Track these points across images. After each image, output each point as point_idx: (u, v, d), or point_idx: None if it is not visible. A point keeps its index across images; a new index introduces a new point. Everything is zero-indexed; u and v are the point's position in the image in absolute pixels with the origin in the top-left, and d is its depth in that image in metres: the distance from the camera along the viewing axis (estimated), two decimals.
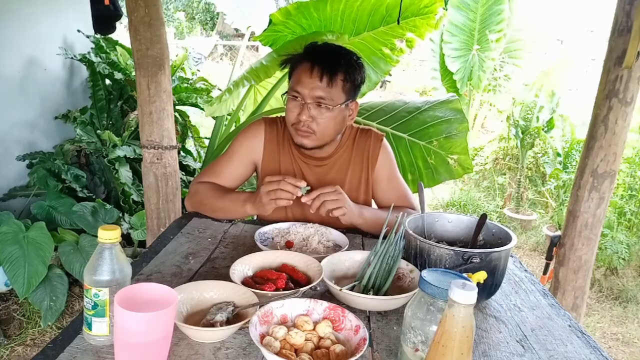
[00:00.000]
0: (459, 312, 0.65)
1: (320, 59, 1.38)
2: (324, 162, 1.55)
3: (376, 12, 2.64)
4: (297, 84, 1.39)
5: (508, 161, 5.71)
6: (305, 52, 1.44)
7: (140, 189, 3.01)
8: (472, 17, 5.54)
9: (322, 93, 1.37)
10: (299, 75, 1.41)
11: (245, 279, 1.08)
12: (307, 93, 1.38)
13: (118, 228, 0.85)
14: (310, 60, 1.39)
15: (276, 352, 0.81)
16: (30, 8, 3.08)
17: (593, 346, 1.00)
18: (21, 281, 2.28)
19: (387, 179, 1.59)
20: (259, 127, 1.56)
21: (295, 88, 1.40)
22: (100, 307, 0.83)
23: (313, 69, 1.37)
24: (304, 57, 1.42)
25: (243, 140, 1.56)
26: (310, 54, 1.42)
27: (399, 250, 1.14)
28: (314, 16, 2.65)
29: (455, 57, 5.62)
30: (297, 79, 1.40)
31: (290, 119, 1.43)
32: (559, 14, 7.48)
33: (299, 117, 1.40)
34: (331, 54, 1.41)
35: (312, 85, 1.37)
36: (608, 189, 2.05)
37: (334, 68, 1.38)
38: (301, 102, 1.39)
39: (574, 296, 2.17)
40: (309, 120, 1.39)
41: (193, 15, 12.82)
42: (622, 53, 1.93)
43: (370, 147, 1.57)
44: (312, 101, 1.38)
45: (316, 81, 1.37)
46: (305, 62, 1.40)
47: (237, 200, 1.43)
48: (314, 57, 1.39)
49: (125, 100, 3.44)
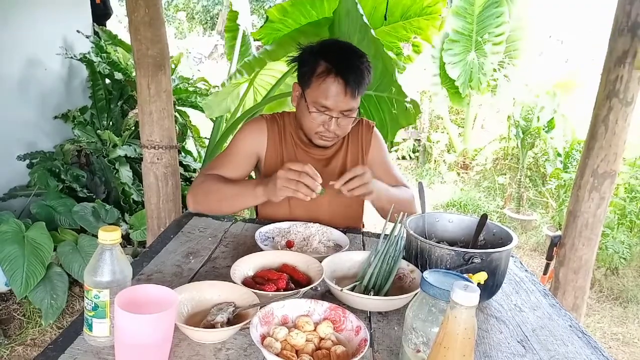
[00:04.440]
0: (461, 314, 0.65)
1: (349, 76, 1.35)
2: (324, 154, 1.58)
3: (376, 11, 2.62)
4: (325, 99, 1.37)
5: (508, 161, 5.71)
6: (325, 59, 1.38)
7: (140, 189, 3.00)
8: (470, 20, 5.56)
9: (350, 106, 1.40)
10: (327, 90, 1.36)
11: (246, 279, 1.07)
12: (336, 107, 1.38)
13: (118, 229, 0.85)
14: (341, 77, 1.35)
15: (277, 353, 0.81)
16: (30, 8, 3.07)
17: (594, 346, 1.00)
18: (19, 281, 2.28)
19: (379, 164, 1.65)
20: (260, 122, 1.57)
21: (323, 103, 1.38)
22: (101, 309, 0.83)
23: (346, 88, 1.35)
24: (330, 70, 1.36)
25: (248, 134, 1.56)
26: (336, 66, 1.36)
27: (400, 251, 1.13)
28: (312, 13, 2.63)
29: (455, 62, 5.63)
30: (325, 94, 1.37)
31: (314, 128, 1.43)
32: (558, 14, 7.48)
33: (327, 128, 1.41)
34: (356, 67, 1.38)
35: (343, 101, 1.38)
36: (608, 189, 2.05)
37: (361, 81, 1.38)
38: (328, 114, 1.40)
39: (574, 296, 2.17)
40: (335, 130, 1.42)
41: (193, 15, 12.83)
42: (622, 53, 1.93)
43: (362, 135, 1.63)
44: (339, 115, 1.40)
45: (348, 98, 1.37)
46: (332, 77, 1.36)
47: (247, 184, 1.41)
48: (342, 73, 1.35)
49: (125, 100, 3.44)
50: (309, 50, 1.44)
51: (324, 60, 1.38)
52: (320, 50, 1.42)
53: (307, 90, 1.41)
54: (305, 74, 1.42)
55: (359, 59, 1.41)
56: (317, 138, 1.46)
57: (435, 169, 6.30)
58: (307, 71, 1.41)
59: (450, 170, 6.24)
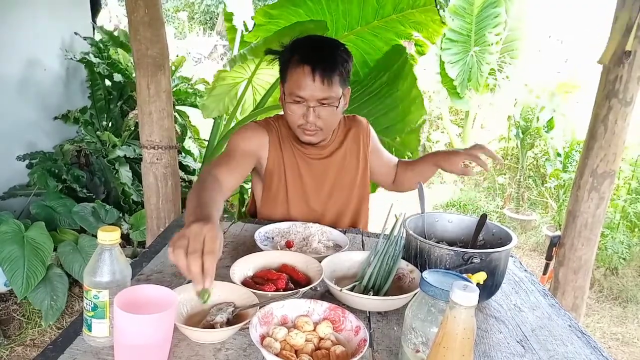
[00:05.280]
0: (460, 314, 0.65)
1: (317, 62, 1.37)
2: (322, 153, 1.58)
3: (366, 4, 2.57)
4: (298, 88, 1.39)
5: (508, 161, 5.72)
6: (296, 52, 1.42)
7: (140, 189, 3.00)
8: (468, 20, 5.56)
9: (325, 94, 1.39)
10: (297, 79, 1.39)
11: (245, 279, 1.07)
12: (310, 96, 1.39)
13: (118, 229, 0.85)
14: (308, 64, 1.37)
15: (276, 353, 0.81)
16: (30, 8, 3.07)
17: (593, 346, 1.00)
18: (20, 281, 2.28)
19: (377, 151, 1.72)
20: (258, 127, 1.56)
21: (297, 93, 1.40)
22: (100, 309, 0.83)
23: (314, 73, 1.37)
24: (299, 60, 1.39)
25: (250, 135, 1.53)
26: (304, 55, 1.39)
27: (399, 251, 1.14)
28: (300, 12, 2.61)
29: (454, 62, 5.63)
30: (297, 84, 1.39)
31: (295, 120, 1.44)
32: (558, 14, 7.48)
33: (306, 119, 1.42)
34: (326, 54, 1.41)
35: (314, 89, 1.38)
36: (608, 189, 2.05)
37: (332, 67, 1.39)
38: (305, 105, 1.41)
39: (573, 296, 2.17)
40: (315, 121, 1.42)
41: (192, 15, 12.83)
42: (621, 53, 1.93)
43: (361, 131, 1.65)
44: (315, 103, 1.40)
45: (318, 84, 1.38)
46: (301, 66, 1.38)
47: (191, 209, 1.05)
48: (310, 60, 1.38)
49: (125, 100, 3.44)
50: (284, 48, 1.48)
51: (296, 53, 1.41)
52: (293, 45, 1.45)
53: (285, 85, 1.45)
54: (282, 69, 1.46)
55: (331, 48, 1.43)
56: (301, 133, 1.47)
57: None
58: (283, 66, 1.45)
59: None
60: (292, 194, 1.57)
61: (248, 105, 3.10)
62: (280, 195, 1.57)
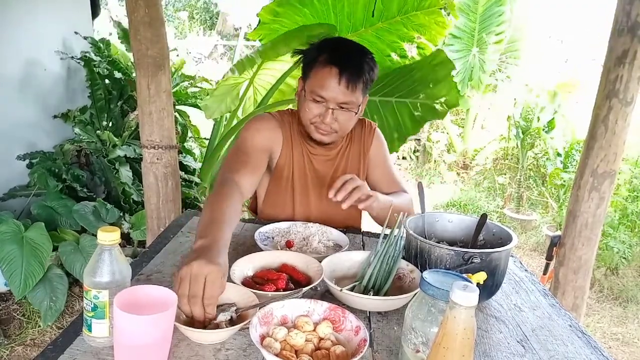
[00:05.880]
0: (460, 314, 0.65)
1: (345, 66, 1.36)
2: (328, 154, 1.57)
3: (370, 6, 2.57)
4: (321, 88, 1.38)
5: (508, 161, 5.71)
6: (325, 52, 1.41)
7: (140, 189, 3.01)
8: (472, 18, 5.55)
9: (347, 98, 1.38)
10: (322, 79, 1.38)
11: (246, 279, 1.07)
12: (332, 98, 1.38)
13: (117, 230, 0.85)
14: (336, 66, 1.36)
15: (276, 353, 0.81)
16: (30, 8, 3.07)
17: (594, 346, 1.00)
18: (18, 281, 2.28)
19: (379, 166, 1.64)
20: (271, 120, 1.53)
21: (319, 92, 1.38)
22: (100, 309, 0.83)
23: (340, 76, 1.36)
24: (327, 61, 1.38)
25: (263, 130, 1.50)
26: (333, 57, 1.39)
27: (399, 251, 1.13)
28: (305, 12, 2.61)
29: (457, 58, 5.62)
30: (320, 83, 1.38)
31: (309, 117, 1.43)
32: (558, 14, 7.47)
33: (322, 120, 1.40)
34: (355, 60, 1.40)
35: (337, 91, 1.37)
36: (608, 189, 2.05)
37: (359, 73, 1.38)
38: (324, 105, 1.40)
39: (574, 296, 2.17)
40: (331, 123, 1.41)
41: (192, 15, 12.82)
42: (622, 53, 1.93)
43: (365, 135, 1.63)
44: (335, 106, 1.39)
45: (342, 88, 1.37)
46: (328, 66, 1.37)
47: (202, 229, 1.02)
48: (338, 63, 1.37)
49: (125, 100, 3.44)
50: (313, 45, 1.47)
51: (324, 52, 1.40)
52: (322, 44, 1.45)
53: (306, 82, 1.43)
54: (306, 66, 1.45)
55: (360, 54, 1.42)
56: (314, 130, 1.45)
57: (435, 169, 6.30)
58: (308, 62, 1.44)
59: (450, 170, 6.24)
60: (298, 194, 1.55)
61: (249, 105, 3.11)
62: (287, 194, 1.56)
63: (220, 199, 1.16)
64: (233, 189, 1.23)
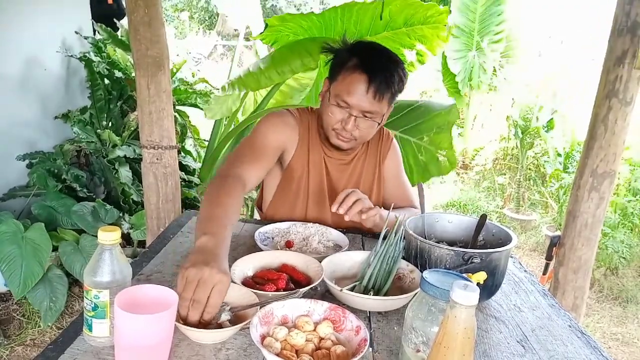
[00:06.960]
0: (461, 314, 0.65)
1: (375, 74, 1.32)
2: (344, 159, 1.55)
3: (378, 17, 2.61)
4: (347, 94, 1.33)
5: (508, 161, 5.72)
6: (357, 56, 1.36)
7: (140, 189, 3.00)
8: (472, 18, 5.55)
9: (372, 108, 1.35)
10: (349, 84, 1.33)
11: (246, 279, 1.07)
12: (357, 105, 1.34)
13: (118, 229, 0.85)
14: (366, 73, 1.32)
15: (277, 353, 0.81)
16: (30, 8, 3.07)
17: (593, 346, 1.00)
18: (17, 282, 2.28)
19: (393, 177, 1.62)
20: (291, 118, 1.49)
21: (344, 98, 1.34)
22: (101, 309, 0.83)
23: (369, 84, 1.31)
24: (357, 66, 1.33)
25: (279, 127, 1.46)
26: (365, 63, 1.33)
27: (399, 251, 1.14)
28: (313, 19, 2.64)
29: (457, 58, 5.62)
30: (347, 89, 1.33)
31: (331, 123, 1.39)
32: (558, 14, 7.48)
33: (344, 126, 1.37)
34: (386, 69, 1.34)
35: (364, 100, 1.33)
36: (608, 189, 2.05)
37: (388, 84, 1.34)
38: (347, 111, 1.36)
39: (573, 296, 2.18)
40: (352, 130, 1.38)
41: (192, 15, 12.82)
42: (621, 53, 1.93)
43: (382, 144, 1.59)
44: (359, 114, 1.35)
45: (370, 97, 1.33)
46: (358, 72, 1.32)
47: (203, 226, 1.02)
48: (369, 70, 1.32)
49: (125, 100, 3.44)
50: (344, 46, 1.42)
51: (356, 56, 1.36)
52: (354, 47, 1.40)
53: (333, 84, 1.39)
54: (335, 67, 1.40)
55: (392, 63, 1.37)
56: (334, 136, 1.41)
57: None
58: (337, 64, 1.40)
59: None
60: (313, 197, 1.51)
61: (249, 106, 3.11)
62: (300, 196, 1.52)
63: (224, 192, 1.16)
64: (236, 182, 1.23)
